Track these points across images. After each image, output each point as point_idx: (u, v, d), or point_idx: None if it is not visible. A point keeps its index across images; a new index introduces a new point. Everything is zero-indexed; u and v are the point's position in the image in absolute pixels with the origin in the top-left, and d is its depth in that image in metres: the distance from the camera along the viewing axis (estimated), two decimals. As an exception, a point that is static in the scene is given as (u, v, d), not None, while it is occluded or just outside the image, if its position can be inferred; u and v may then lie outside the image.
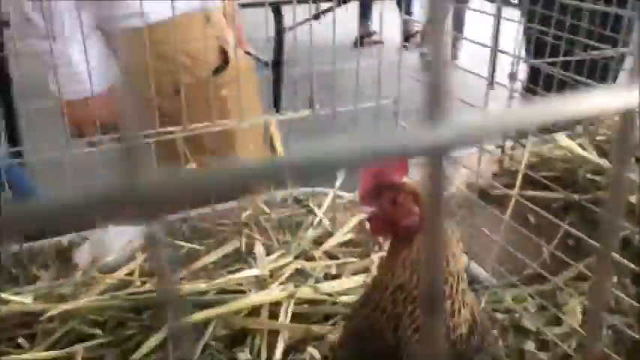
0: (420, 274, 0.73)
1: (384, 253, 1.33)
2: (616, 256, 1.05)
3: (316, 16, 2.16)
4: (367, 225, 0.82)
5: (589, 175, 1.44)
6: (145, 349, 0.99)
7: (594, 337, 0.30)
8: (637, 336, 1.04)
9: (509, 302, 1.19)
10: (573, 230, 1.13)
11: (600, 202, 1.38)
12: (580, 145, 1.47)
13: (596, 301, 0.31)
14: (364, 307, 0.81)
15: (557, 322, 1.17)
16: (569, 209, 1.42)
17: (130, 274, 1.19)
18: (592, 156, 1.42)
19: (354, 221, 1.44)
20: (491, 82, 1.25)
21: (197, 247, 1.32)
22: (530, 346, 1.11)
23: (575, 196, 1.41)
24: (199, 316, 1.05)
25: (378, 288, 0.79)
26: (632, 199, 1.26)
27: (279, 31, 2.73)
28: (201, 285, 1.14)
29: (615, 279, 1.21)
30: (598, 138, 1.54)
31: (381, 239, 1.30)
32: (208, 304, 1.10)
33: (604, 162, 1.40)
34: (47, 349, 1.01)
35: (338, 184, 1.56)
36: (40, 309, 1.07)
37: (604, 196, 1.36)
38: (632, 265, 0.97)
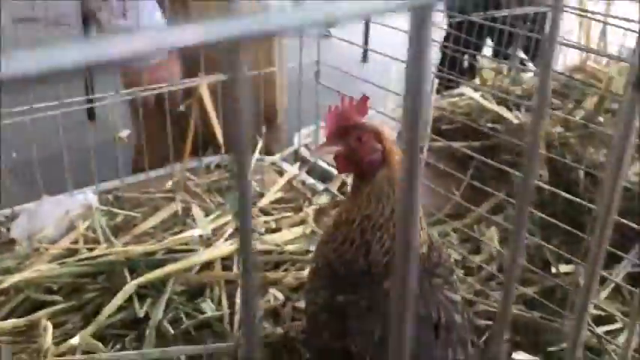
0: (394, 203, 0.81)
1: (316, 207, 1.42)
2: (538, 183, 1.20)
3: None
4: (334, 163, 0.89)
5: (490, 124, 1.60)
6: (107, 310, 1.00)
7: (516, 253, 0.35)
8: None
9: (436, 238, 1.31)
10: (500, 165, 1.26)
11: (501, 146, 1.55)
12: (482, 97, 1.62)
13: (518, 224, 0.35)
14: (331, 242, 0.88)
15: (478, 250, 1.32)
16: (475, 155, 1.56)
17: (75, 242, 1.18)
18: (492, 106, 1.57)
19: (282, 181, 1.51)
20: None
21: (133, 214, 1.32)
22: (458, 272, 1.24)
23: (477, 144, 1.57)
24: (156, 274, 1.07)
25: (344, 223, 0.86)
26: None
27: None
28: (150, 246, 1.16)
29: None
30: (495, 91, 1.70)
31: (345, 176, 1.37)
32: (160, 264, 1.12)
33: (502, 110, 1.56)
34: (5, 319, 0.99)
35: (259, 148, 1.61)
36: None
37: (504, 142, 1.52)
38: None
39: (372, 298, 0.81)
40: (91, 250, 1.15)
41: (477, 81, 1.76)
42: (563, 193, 1.16)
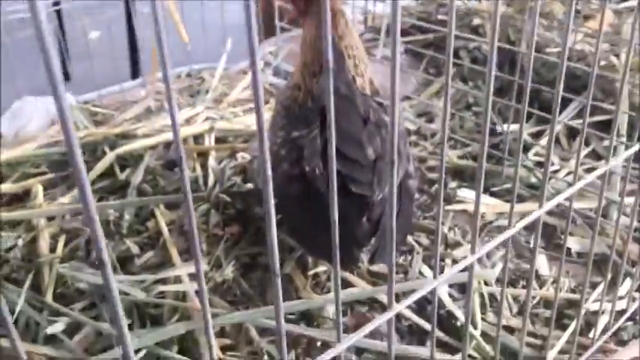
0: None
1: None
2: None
3: None
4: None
5: (440, 16, 1.70)
6: (91, 175, 1.11)
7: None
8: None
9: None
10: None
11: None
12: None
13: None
14: (285, 90, 0.99)
15: (432, 121, 1.44)
16: (429, 46, 1.67)
17: (58, 133, 1.28)
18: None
19: (247, 79, 1.61)
20: None
21: (110, 111, 1.43)
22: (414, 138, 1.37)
23: (431, 36, 1.68)
24: (134, 145, 1.18)
25: (295, 72, 0.98)
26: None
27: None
28: (127, 128, 1.27)
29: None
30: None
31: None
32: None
33: None
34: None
35: (224, 58, 1.70)
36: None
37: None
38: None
39: (321, 128, 0.92)
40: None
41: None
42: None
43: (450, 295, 0.96)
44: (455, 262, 1.03)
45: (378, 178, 0.82)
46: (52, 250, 0.99)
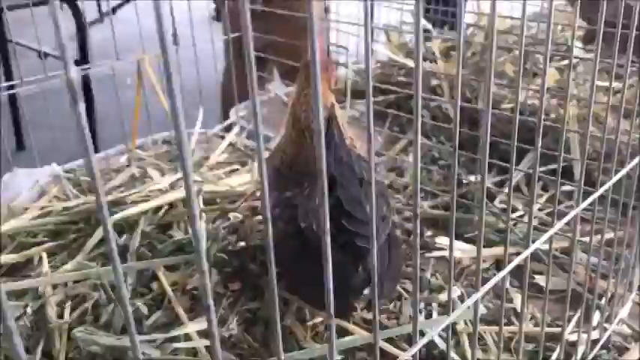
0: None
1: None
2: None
3: None
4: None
5: (400, 78, 1.84)
6: (91, 242, 1.16)
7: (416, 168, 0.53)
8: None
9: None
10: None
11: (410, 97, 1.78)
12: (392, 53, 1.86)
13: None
14: (277, 153, 1.08)
15: (402, 175, 1.55)
16: (391, 105, 1.79)
17: (50, 203, 1.32)
18: (403, 59, 1.81)
19: (225, 142, 1.69)
20: None
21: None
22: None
23: (392, 96, 1.81)
24: (130, 211, 1.23)
25: (282, 138, 1.08)
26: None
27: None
28: (119, 195, 1.32)
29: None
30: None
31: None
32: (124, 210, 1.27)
33: (410, 62, 1.80)
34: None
35: (199, 123, 1.78)
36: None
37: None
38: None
39: (312, 187, 1.00)
40: (64, 208, 1.30)
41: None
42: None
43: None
44: (441, 305, 1.11)
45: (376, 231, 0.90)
46: (60, 316, 1.03)
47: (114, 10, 2.12)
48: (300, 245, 0.95)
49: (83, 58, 2.69)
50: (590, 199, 0.86)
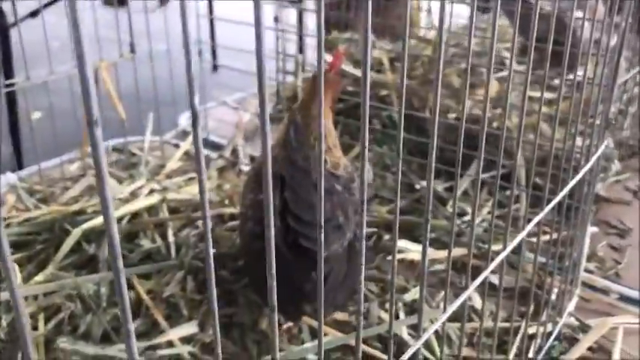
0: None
1: (217, 167, 1.63)
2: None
3: None
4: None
5: (350, 88, 1.90)
6: (61, 252, 1.15)
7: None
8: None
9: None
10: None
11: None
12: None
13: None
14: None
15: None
16: (340, 114, 1.85)
17: (9, 212, 1.30)
18: (352, 70, 1.87)
19: (180, 151, 1.70)
20: None
21: (52, 189, 1.45)
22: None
23: (341, 105, 1.87)
24: (97, 221, 1.23)
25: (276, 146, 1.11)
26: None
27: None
28: (80, 205, 1.31)
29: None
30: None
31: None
32: (88, 220, 1.27)
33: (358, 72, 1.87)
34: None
35: (149, 131, 1.78)
36: None
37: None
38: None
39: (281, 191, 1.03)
40: (25, 220, 1.28)
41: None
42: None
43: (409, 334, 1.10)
44: (405, 305, 1.18)
45: (325, 237, 0.94)
46: (35, 328, 1.02)
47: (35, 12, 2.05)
48: (261, 245, 0.99)
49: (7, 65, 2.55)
50: (551, 205, 0.94)
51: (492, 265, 0.79)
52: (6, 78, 1.60)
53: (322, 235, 0.48)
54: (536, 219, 0.89)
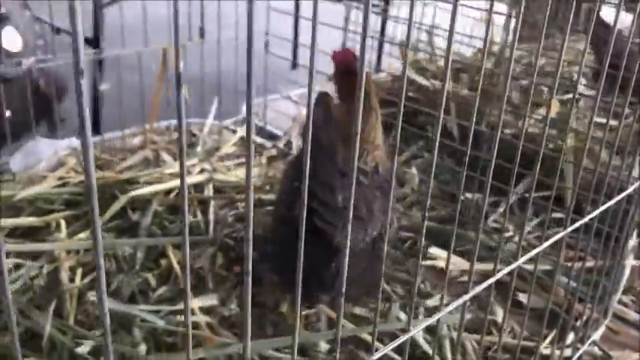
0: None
1: (268, 155, 1.68)
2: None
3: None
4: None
5: (411, 94, 1.91)
6: (107, 215, 1.23)
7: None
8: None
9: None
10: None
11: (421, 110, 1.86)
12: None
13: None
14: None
15: (402, 185, 1.62)
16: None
17: (68, 173, 1.39)
18: (414, 75, 1.88)
19: (236, 137, 1.76)
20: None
21: (109, 157, 1.54)
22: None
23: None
24: (144, 190, 1.30)
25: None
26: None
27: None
28: (133, 174, 1.39)
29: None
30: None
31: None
32: (137, 189, 1.34)
33: (420, 79, 1.88)
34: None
35: (212, 115, 1.86)
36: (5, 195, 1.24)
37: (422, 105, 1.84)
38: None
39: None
40: (81, 182, 1.36)
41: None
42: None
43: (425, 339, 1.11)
44: (427, 309, 1.18)
45: (344, 224, 0.95)
46: (72, 280, 1.09)
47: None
48: (289, 230, 1.02)
49: (96, 39, 2.71)
50: (576, 224, 0.93)
51: (498, 275, 0.79)
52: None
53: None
54: (555, 237, 0.88)
